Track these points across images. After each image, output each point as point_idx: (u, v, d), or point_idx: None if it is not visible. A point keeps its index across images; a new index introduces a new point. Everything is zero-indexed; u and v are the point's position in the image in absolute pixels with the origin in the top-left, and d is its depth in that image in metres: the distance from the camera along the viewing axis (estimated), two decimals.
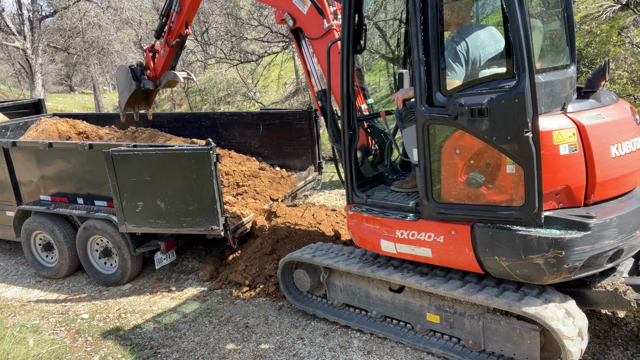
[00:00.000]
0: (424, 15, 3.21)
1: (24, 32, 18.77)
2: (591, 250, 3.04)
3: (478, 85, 3.18)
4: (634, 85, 7.18)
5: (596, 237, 3.02)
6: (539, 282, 3.22)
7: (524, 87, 2.85)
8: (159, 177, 4.82)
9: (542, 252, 3.05)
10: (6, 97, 28.04)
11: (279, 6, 4.76)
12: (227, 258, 5.78)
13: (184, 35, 5.79)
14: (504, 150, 3.02)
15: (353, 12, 3.76)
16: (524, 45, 2.84)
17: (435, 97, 3.25)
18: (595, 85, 3.50)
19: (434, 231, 3.49)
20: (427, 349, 3.77)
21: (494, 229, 3.21)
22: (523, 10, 2.84)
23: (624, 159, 3.26)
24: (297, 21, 4.65)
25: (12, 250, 7.09)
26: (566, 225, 3.05)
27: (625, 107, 3.48)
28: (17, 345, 4.49)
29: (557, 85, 3.24)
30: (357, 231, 4.03)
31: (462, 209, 3.32)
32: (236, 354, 4.11)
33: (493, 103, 2.96)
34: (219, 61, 16.68)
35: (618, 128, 3.27)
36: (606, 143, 3.17)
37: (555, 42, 3.73)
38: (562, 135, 3.06)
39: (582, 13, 10.70)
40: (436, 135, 3.30)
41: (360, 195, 3.99)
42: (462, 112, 3.08)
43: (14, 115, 8.41)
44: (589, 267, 3.13)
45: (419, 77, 3.27)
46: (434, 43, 3.22)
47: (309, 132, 6.95)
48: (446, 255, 3.49)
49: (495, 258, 3.24)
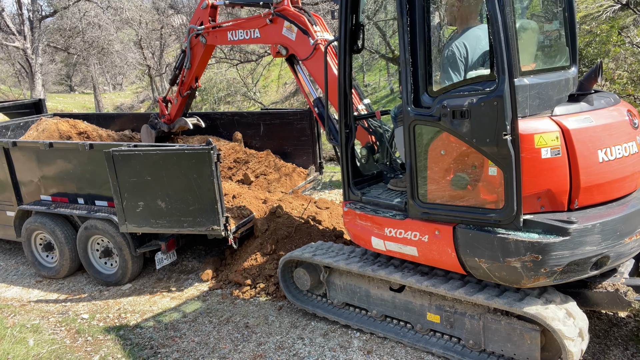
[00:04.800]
0: (411, 16, 3.25)
1: (24, 32, 18.76)
2: (571, 256, 2.99)
3: (463, 87, 3.19)
4: (634, 85, 7.17)
5: (576, 242, 2.97)
6: (517, 285, 3.23)
7: (503, 90, 2.86)
8: (159, 177, 4.82)
9: (519, 255, 3.05)
10: (6, 97, 28.04)
11: (272, 42, 5.27)
12: (227, 258, 5.78)
13: (194, 87, 6.56)
14: (484, 152, 3.04)
15: (350, 12, 3.81)
16: (504, 48, 2.85)
17: (422, 98, 3.30)
18: (587, 88, 3.43)
19: (419, 230, 3.54)
20: (427, 349, 3.77)
21: (474, 231, 3.23)
22: (504, 12, 2.84)
23: (613, 164, 3.18)
24: (289, 49, 5.13)
25: (13, 250, 7.09)
26: (546, 230, 3.02)
27: (622, 110, 3.40)
28: (17, 345, 4.49)
29: (547, 88, 3.20)
30: (351, 228, 4.10)
31: (446, 210, 3.36)
32: (236, 354, 4.11)
33: (473, 105, 2.99)
34: (219, 61, 16.67)
35: (608, 132, 3.19)
36: (593, 147, 3.10)
37: (553, 42, 3.71)
38: (545, 139, 3.01)
39: (582, 13, 10.70)
40: (422, 135, 3.35)
41: (356, 193, 4.06)
42: (444, 114, 3.12)
43: (15, 115, 8.41)
44: (570, 273, 3.09)
45: (405, 78, 3.32)
46: (420, 43, 3.25)
47: (310, 131, 6.96)
48: (430, 254, 3.53)
49: (475, 259, 3.27)
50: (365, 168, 4.38)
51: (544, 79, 3.24)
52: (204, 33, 5.97)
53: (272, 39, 5.24)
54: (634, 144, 3.32)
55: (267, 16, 5.14)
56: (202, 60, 6.31)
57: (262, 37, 5.36)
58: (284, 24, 5.04)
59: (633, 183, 3.37)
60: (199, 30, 5.97)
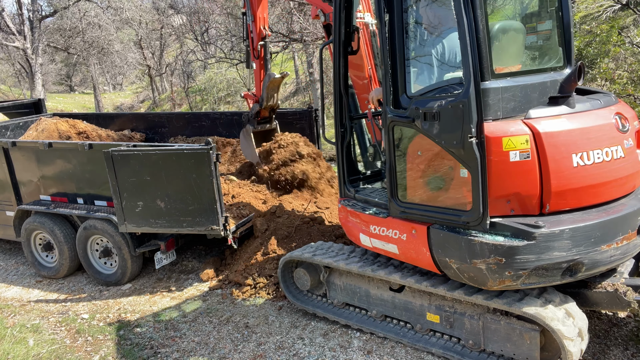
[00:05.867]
0: (390, 18, 3.28)
1: (24, 32, 18.78)
2: (537, 260, 2.96)
3: (437, 89, 3.25)
4: (634, 85, 7.17)
5: (542, 247, 2.93)
6: (484, 287, 3.25)
7: (468, 93, 2.89)
8: (159, 177, 4.82)
9: (484, 257, 3.07)
10: (6, 97, 28.05)
11: (315, 2, 5.10)
12: (227, 258, 5.78)
13: (264, 37, 6.21)
14: (453, 154, 3.07)
15: (344, 15, 3.87)
16: (469, 51, 2.87)
17: (400, 100, 3.35)
18: (566, 90, 3.29)
19: (399, 229, 3.60)
20: (427, 349, 3.77)
21: (445, 231, 3.27)
22: (470, 16, 2.85)
23: (590, 169, 3.06)
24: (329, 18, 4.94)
25: (12, 250, 7.09)
26: (513, 233, 3.01)
27: (608, 114, 3.24)
28: (17, 345, 4.49)
29: (526, 90, 3.14)
30: (345, 223, 4.20)
31: (421, 210, 3.41)
32: (236, 354, 4.11)
33: (442, 108, 3.04)
34: (219, 61, 16.69)
35: (587, 135, 3.07)
36: (566, 151, 3.01)
37: (543, 43, 3.65)
38: (513, 142, 2.98)
39: (582, 13, 10.70)
40: (400, 136, 3.42)
41: (350, 190, 4.15)
42: (417, 116, 3.18)
43: (14, 115, 8.41)
44: (540, 277, 3.06)
45: (385, 80, 3.37)
46: (399, 46, 3.30)
47: (309, 131, 6.96)
48: (409, 253, 3.59)
49: (446, 259, 3.31)
50: (368, 165, 4.48)
51: (523, 81, 3.17)
52: None
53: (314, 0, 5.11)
54: (620, 148, 3.17)
55: None
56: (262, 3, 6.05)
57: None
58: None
59: (620, 188, 3.22)
60: None
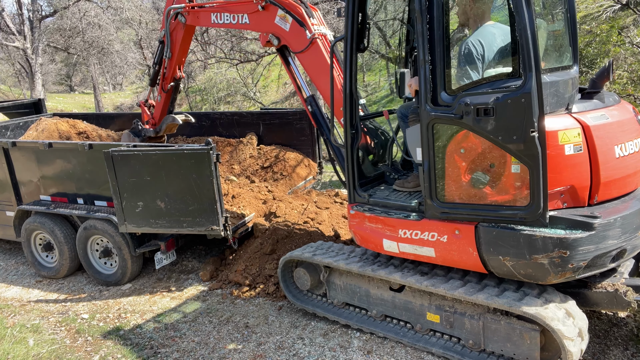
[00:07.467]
0: (430, 14, 3.21)
1: (24, 32, 18.77)
2: (595, 250, 3.04)
3: (483, 84, 3.18)
4: (634, 85, 7.17)
5: (600, 237, 3.02)
6: (543, 282, 3.23)
7: (531, 87, 2.85)
8: (159, 177, 4.82)
9: (546, 251, 3.05)
10: (6, 97, 28.04)
11: (263, 30, 4.93)
12: (227, 258, 5.78)
13: (178, 78, 6.14)
14: (509, 150, 3.02)
15: (357, 11, 3.75)
16: (531, 44, 2.84)
17: (440, 97, 3.26)
18: (598, 86, 3.51)
19: (437, 231, 3.49)
20: (427, 349, 3.77)
21: (498, 229, 3.21)
22: (530, 9, 2.84)
23: (627, 160, 3.27)
24: (282, 39, 4.81)
25: (12, 250, 7.09)
26: (571, 225, 3.05)
27: (628, 108, 3.49)
28: (17, 345, 4.49)
29: (561, 86, 3.25)
30: (359, 230, 4.02)
31: (466, 209, 3.32)
32: (236, 354, 4.10)
33: (499, 103, 2.96)
34: (219, 61, 16.67)
35: (621, 128, 3.28)
36: (610, 143, 3.18)
37: (558, 42, 3.72)
38: (568, 135, 3.06)
39: (582, 13, 10.68)
40: (440, 134, 3.30)
41: (363, 195, 3.98)
42: (467, 112, 3.07)
43: (14, 115, 8.41)
44: (592, 267, 3.13)
45: (424, 77, 3.27)
46: (439, 42, 3.22)
47: (309, 131, 6.96)
48: (449, 255, 3.49)
49: (499, 258, 3.24)
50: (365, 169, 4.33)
51: (558, 76, 3.28)
52: (184, 12, 5.54)
53: (262, 27, 4.90)
54: None
55: (259, 2, 4.81)
56: (183, 45, 5.84)
57: (251, 24, 5.02)
58: (277, 12, 4.73)
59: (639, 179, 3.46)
60: (178, 8, 5.53)
